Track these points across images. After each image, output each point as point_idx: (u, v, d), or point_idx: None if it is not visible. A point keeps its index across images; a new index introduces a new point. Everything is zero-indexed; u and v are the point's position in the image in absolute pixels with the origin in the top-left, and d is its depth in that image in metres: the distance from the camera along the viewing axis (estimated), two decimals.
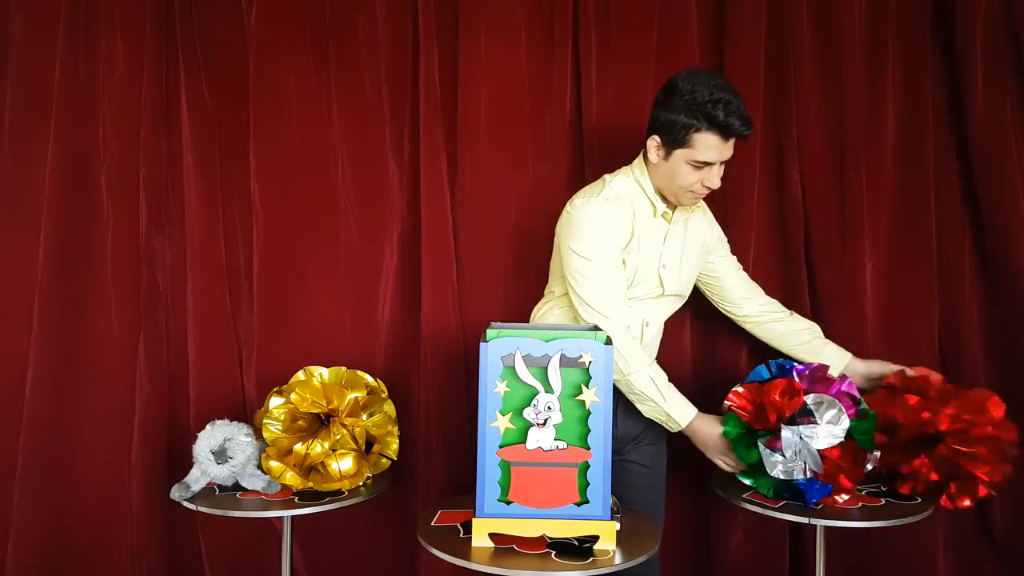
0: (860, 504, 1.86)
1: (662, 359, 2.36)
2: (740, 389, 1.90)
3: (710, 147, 1.82)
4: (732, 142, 1.85)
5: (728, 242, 2.18)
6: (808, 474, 1.83)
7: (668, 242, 1.97)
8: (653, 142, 1.90)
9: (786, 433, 1.81)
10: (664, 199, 1.95)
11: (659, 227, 1.96)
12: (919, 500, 1.89)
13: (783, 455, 1.80)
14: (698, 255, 2.06)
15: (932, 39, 2.33)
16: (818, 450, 1.81)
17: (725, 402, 1.91)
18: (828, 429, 1.79)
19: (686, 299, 2.10)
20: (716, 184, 1.87)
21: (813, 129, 2.33)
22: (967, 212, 2.34)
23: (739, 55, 2.31)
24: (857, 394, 1.90)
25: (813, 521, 1.79)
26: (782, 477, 1.84)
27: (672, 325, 2.31)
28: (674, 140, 1.84)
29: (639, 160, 1.98)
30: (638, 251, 1.91)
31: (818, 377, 1.90)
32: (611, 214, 1.87)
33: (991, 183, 2.28)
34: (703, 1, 2.35)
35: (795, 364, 1.91)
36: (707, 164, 1.84)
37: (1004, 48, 2.26)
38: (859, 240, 2.32)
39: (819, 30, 2.33)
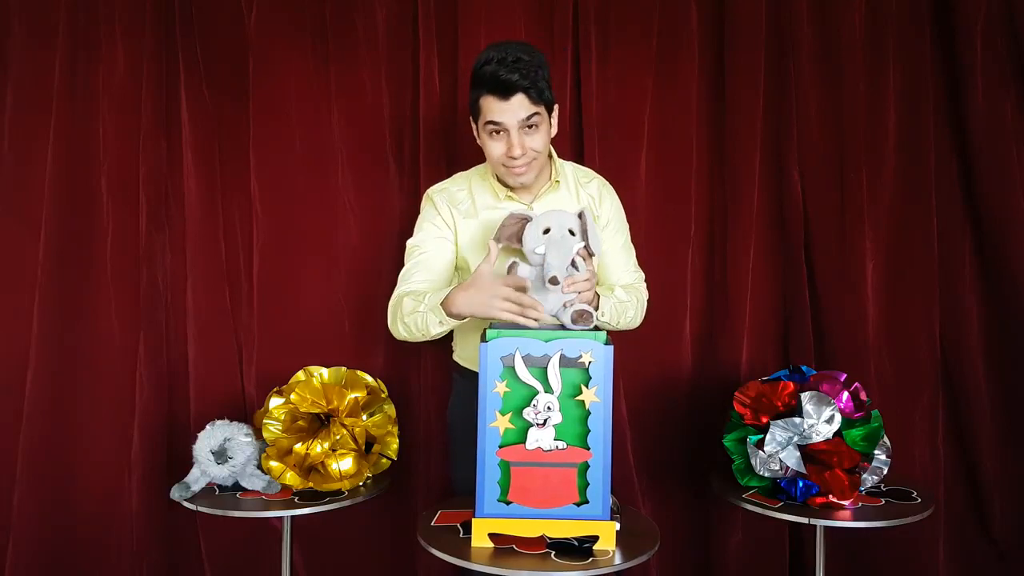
0: (860, 504, 1.86)
1: (662, 359, 2.37)
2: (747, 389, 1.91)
3: (493, 109, 1.73)
4: (519, 99, 1.71)
5: (624, 231, 2.00)
6: (789, 473, 1.83)
7: None
8: (473, 129, 1.84)
9: (773, 430, 1.81)
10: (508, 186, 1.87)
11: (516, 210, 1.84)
12: (919, 500, 1.89)
13: (766, 452, 1.80)
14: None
15: (932, 39, 2.33)
16: (810, 449, 1.81)
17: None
18: (818, 427, 1.79)
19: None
20: (517, 152, 1.74)
21: (813, 129, 2.34)
22: (967, 212, 2.34)
23: (739, 55, 2.31)
24: (865, 397, 1.90)
25: (813, 521, 1.79)
26: (767, 475, 1.84)
27: (672, 324, 2.31)
28: (474, 115, 1.80)
29: None
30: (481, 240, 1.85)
31: (825, 377, 1.90)
32: (428, 207, 1.92)
33: (991, 183, 2.28)
34: (703, 1, 2.35)
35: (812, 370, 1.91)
36: (502, 127, 1.74)
37: (1004, 48, 2.26)
38: (859, 240, 2.32)
39: (819, 30, 2.33)
